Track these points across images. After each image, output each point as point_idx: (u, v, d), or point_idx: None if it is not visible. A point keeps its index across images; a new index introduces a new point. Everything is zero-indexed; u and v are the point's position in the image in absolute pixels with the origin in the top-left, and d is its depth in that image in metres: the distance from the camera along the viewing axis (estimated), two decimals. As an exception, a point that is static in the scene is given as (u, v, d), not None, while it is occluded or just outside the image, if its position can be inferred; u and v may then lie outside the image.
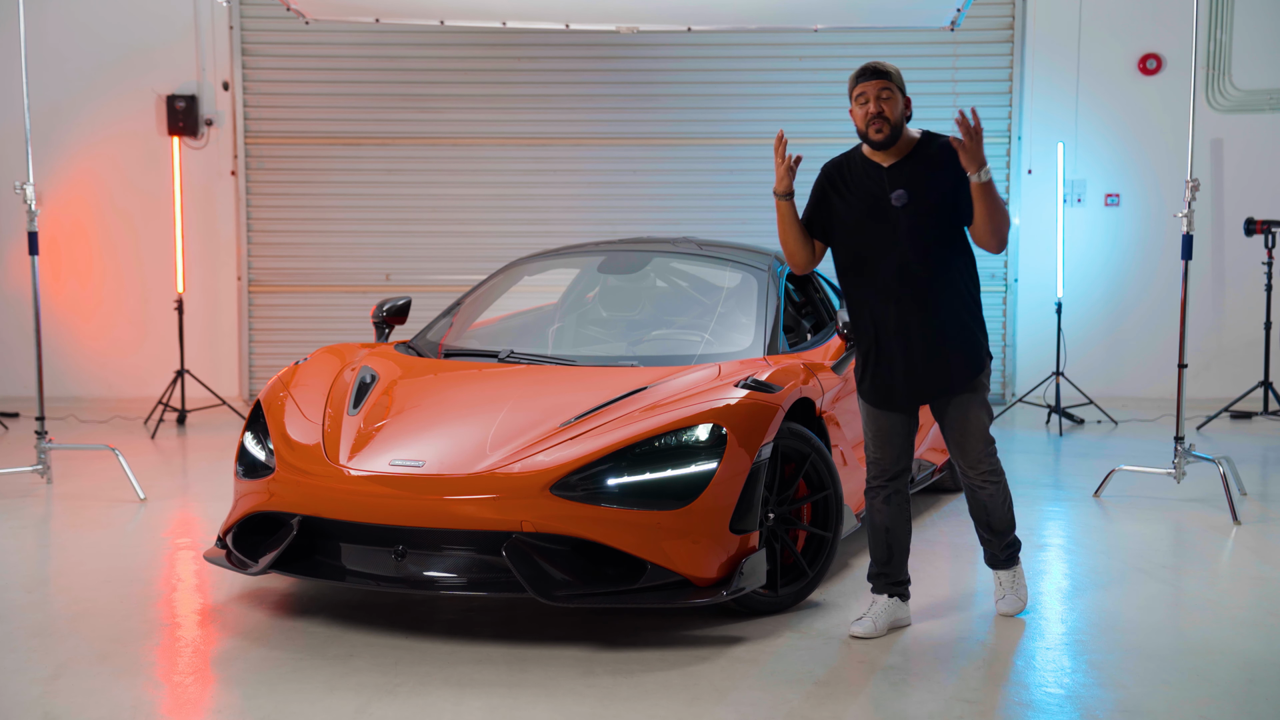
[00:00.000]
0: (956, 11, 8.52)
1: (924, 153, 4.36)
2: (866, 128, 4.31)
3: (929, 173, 4.32)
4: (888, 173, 4.36)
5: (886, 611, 4.49)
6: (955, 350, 4.37)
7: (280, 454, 4.66)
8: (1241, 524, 6.11)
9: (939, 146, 4.36)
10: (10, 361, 10.08)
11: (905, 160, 4.36)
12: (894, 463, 4.50)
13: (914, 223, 4.31)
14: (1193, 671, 4.13)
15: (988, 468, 4.49)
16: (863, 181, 4.39)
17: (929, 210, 4.31)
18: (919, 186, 4.31)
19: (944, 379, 4.39)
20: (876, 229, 4.35)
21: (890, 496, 4.53)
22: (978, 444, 4.45)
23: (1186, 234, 6.45)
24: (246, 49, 10.15)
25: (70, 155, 10.11)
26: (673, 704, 3.83)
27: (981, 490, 4.53)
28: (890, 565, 4.54)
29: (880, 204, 4.34)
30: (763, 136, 10.07)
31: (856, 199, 4.39)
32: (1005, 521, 4.59)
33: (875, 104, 4.28)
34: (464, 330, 5.85)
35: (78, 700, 3.86)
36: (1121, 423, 9.15)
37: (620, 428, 4.46)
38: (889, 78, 4.32)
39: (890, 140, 4.31)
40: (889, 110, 4.29)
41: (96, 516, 6.27)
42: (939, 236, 4.33)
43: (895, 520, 4.53)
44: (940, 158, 4.33)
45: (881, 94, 4.29)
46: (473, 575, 4.30)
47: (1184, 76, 9.73)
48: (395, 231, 10.28)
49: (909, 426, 4.50)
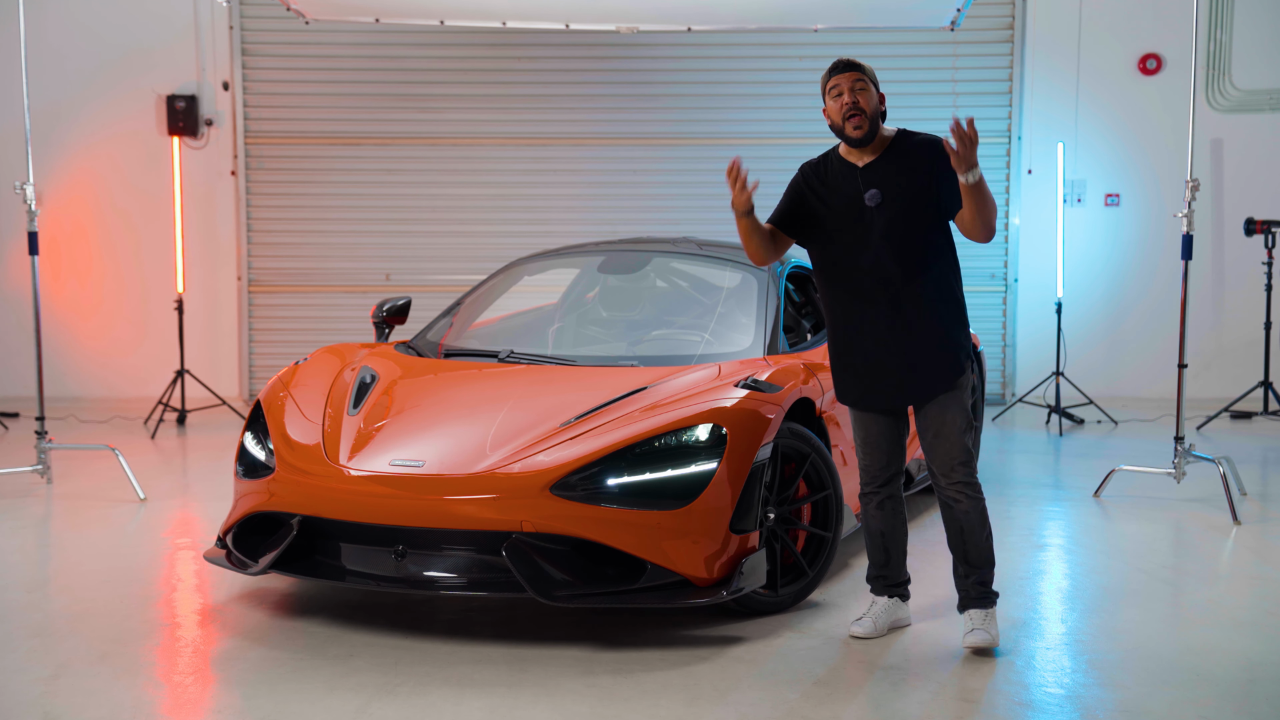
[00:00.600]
0: (956, 11, 8.52)
1: (899, 150, 4.27)
2: (844, 122, 4.22)
3: (904, 171, 4.23)
4: (862, 172, 4.27)
5: (887, 612, 4.46)
6: (932, 352, 4.24)
7: (280, 454, 4.66)
8: (1241, 524, 6.11)
9: (915, 144, 4.26)
10: (10, 361, 10.08)
11: (880, 159, 4.27)
12: (883, 468, 4.42)
13: (889, 222, 4.21)
14: (1193, 671, 4.13)
15: (962, 478, 4.26)
16: (839, 182, 4.31)
17: (904, 210, 4.21)
18: (893, 185, 4.22)
19: (919, 381, 4.25)
20: (852, 230, 4.26)
21: (883, 502, 4.45)
22: (952, 448, 4.25)
23: (1186, 234, 6.45)
24: (246, 49, 10.15)
25: (70, 155, 10.11)
26: (673, 704, 3.83)
27: (956, 505, 4.28)
28: (888, 568, 4.49)
29: (856, 204, 4.25)
30: (763, 136, 10.09)
31: (834, 200, 4.30)
32: (983, 553, 4.32)
33: (850, 94, 4.20)
34: (464, 330, 5.85)
35: (78, 700, 3.86)
36: (1121, 423, 9.15)
37: (620, 428, 4.46)
38: (862, 70, 4.24)
39: (868, 137, 4.22)
40: (864, 101, 4.20)
41: (96, 516, 6.27)
42: (916, 236, 4.22)
43: (890, 524, 4.46)
44: (916, 155, 4.23)
45: (855, 85, 4.21)
46: (473, 575, 4.30)
47: (1184, 76, 9.74)
48: (395, 231, 10.28)
49: (896, 430, 4.40)
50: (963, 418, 4.27)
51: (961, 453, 4.26)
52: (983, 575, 4.33)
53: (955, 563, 4.35)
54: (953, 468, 4.26)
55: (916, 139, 4.28)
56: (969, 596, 4.33)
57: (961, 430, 4.26)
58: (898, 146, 4.28)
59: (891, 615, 4.47)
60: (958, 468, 4.26)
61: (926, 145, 4.24)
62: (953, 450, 4.26)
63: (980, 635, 4.25)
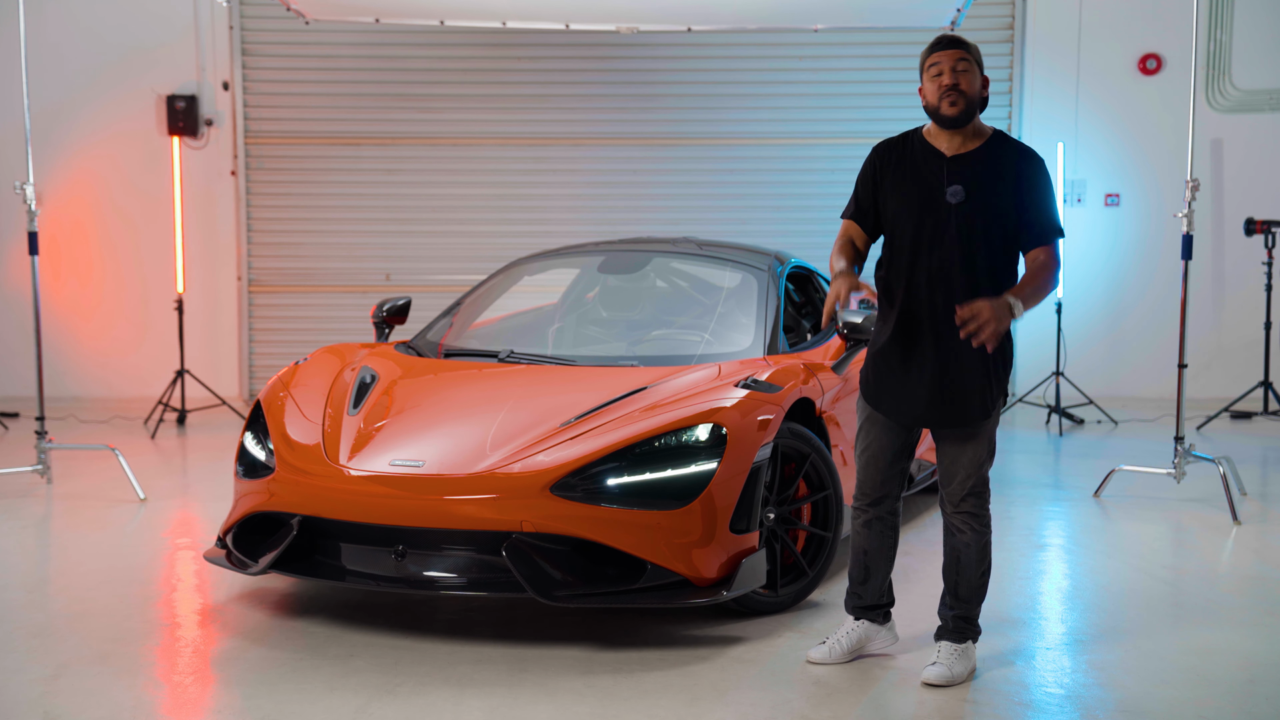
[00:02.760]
0: (956, 11, 8.52)
1: (993, 152, 3.92)
2: (940, 101, 3.86)
3: (995, 176, 3.88)
4: (949, 163, 3.91)
5: (850, 636, 4.18)
6: (976, 379, 3.91)
7: (280, 454, 4.66)
8: (1241, 524, 6.11)
9: (1013, 149, 3.94)
10: (10, 361, 10.08)
11: (972, 154, 3.92)
12: (876, 488, 4.10)
13: (966, 226, 3.86)
14: (1193, 671, 4.13)
15: (971, 509, 4.00)
16: (919, 166, 3.94)
17: (985, 214, 3.86)
18: (980, 187, 3.87)
19: (955, 406, 3.93)
20: (924, 222, 3.90)
21: (870, 522, 4.14)
22: (968, 479, 3.98)
23: (1186, 234, 6.45)
24: (246, 49, 10.15)
25: (70, 155, 10.11)
26: (673, 704, 3.83)
27: (958, 535, 4.03)
28: (865, 587, 4.19)
29: (935, 195, 3.89)
30: (763, 136, 10.08)
31: (910, 184, 3.94)
32: (974, 588, 4.06)
33: (950, 75, 3.86)
34: (464, 330, 5.85)
35: (78, 700, 3.86)
36: (1121, 423, 9.15)
37: (620, 428, 4.46)
38: (967, 48, 3.90)
39: (964, 118, 3.87)
40: (965, 84, 3.85)
41: (96, 516, 6.27)
42: (989, 248, 3.88)
43: (875, 545, 4.15)
44: (1011, 162, 3.91)
45: (958, 65, 3.86)
46: (473, 575, 4.30)
47: (1184, 76, 9.74)
48: (395, 231, 10.28)
49: (900, 453, 4.08)
50: (985, 451, 3.99)
51: (977, 484, 4.00)
52: (968, 611, 4.08)
53: (944, 591, 4.13)
54: (964, 498, 4.01)
55: (1014, 145, 3.97)
56: (945, 627, 4.10)
57: (981, 463, 3.99)
58: (993, 147, 3.94)
59: (855, 640, 4.18)
60: (969, 499, 4.01)
61: (1025, 157, 3.94)
62: (968, 481, 3.99)
63: (937, 670, 3.99)
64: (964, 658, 4.06)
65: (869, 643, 4.23)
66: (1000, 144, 3.96)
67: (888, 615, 4.26)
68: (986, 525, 4.05)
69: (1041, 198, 3.92)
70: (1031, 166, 3.94)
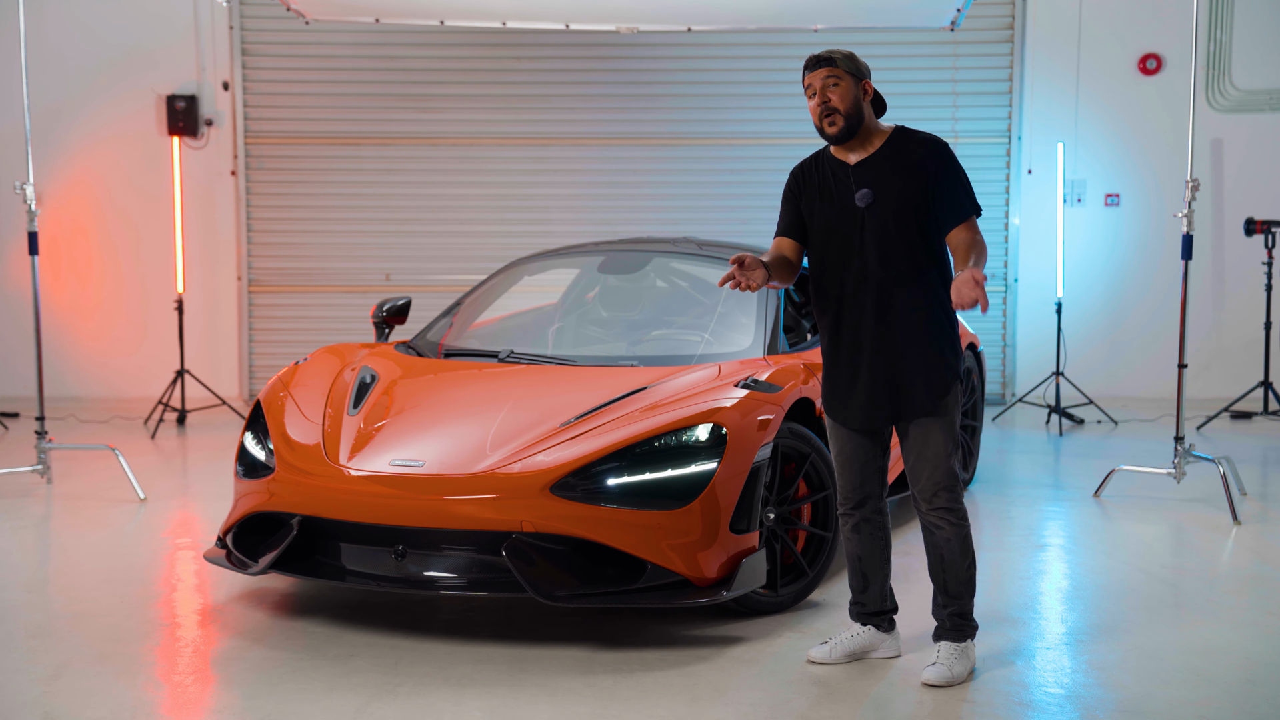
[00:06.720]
0: (956, 11, 8.52)
1: (896, 148, 4.00)
2: (820, 122, 3.97)
3: (900, 171, 3.96)
4: (854, 170, 4.01)
5: (853, 639, 4.20)
6: (917, 369, 3.97)
7: (280, 454, 4.66)
8: (1241, 524, 6.11)
9: (915, 142, 4.00)
10: (10, 361, 10.08)
11: (874, 157, 4.00)
12: (854, 490, 4.13)
13: (879, 226, 3.95)
14: (1193, 671, 4.13)
15: (944, 504, 4.00)
16: (830, 181, 4.05)
17: (897, 212, 3.94)
18: (886, 186, 3.96)
19: (900, 400, 3.98)
20: (842, 232, 4.00)
21: (858, 525, 4.17)
22: (934, 472, 3.98)
23: (1186, 234, 6.45)
24: (246, 49, 10.15)
25: (70, 155, 10.11)
26: (673, 704, 3.83)
27: (937, 531, 4.04)
28: (866, 594, 4.21)
29: (847, 204, 3.99)
30: (763, 136, 10.09)
31: (824, 200, 4.05)
32: (963, 582, 4.07)
33: (822, 94, 3.95)
34: (464, 330, 5.85)
35: (78, 700, 3.86)
36: (1121, 423, 9.15)
37: (620, 428, 4.46)
38: (834, 64, 3.96)
39: (847, 133, 3.97)
40: (836, 99, 3.94)
41: (96, 516, 6.27)
42: (907, 242, 3.95)
43: (867, 549, 4.18)
44: (914, 155, 3.97)
45: (828, 82, 3.95)
46: (473, 575, 4.30)
47: (1184, 76, 9.74)
48: (395, 231, 10.28)
49: (871, 453, 4.11)
50: (948, 441, 4.00)
51: (945, 477, 3.99)
52: (961, 606, 4.09)
53: (935, 591, 4.12)
54: (935, 493, 4.00)
55: (917, 138, 4.03)
56: (943, 627, 4.11)
57: (946, 454, 3.99)
58: (895, 144, 4.02)
59: (859, 645, 4.20)
60: (940, 493, 4.00)
61: (927, 146, 4.00)
62: (935, 475, 3.99)
63: (938, 671, 4.00)
64: (964, 657, 4.07)
65: (872, 650, 4.24)
66: (901, 139, 4.04)
67: (892, 623, 4.27)
68: (963, 518, 4.06)
69: (950, 181, 3.97)
70: (934, 154, 3.99)
